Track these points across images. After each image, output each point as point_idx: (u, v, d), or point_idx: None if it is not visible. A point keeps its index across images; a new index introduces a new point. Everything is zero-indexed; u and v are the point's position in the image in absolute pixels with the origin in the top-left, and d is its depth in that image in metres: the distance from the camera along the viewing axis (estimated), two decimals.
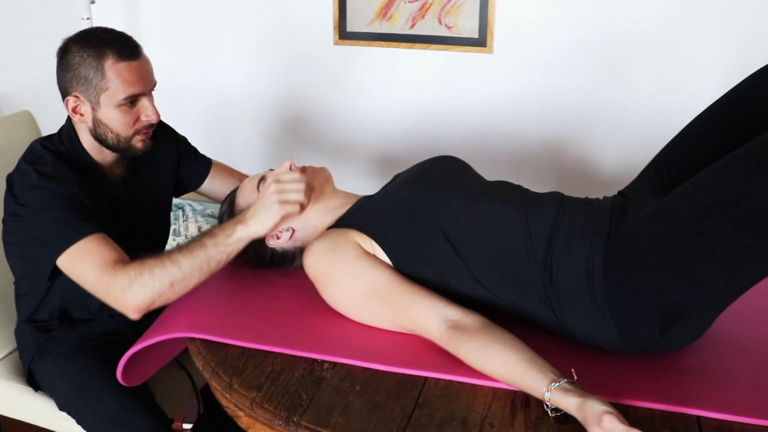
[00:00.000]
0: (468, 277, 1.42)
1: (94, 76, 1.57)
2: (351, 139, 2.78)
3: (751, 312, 1.52)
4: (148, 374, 1.61)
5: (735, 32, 2.31)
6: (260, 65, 2.80)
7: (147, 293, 1.47)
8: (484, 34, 2.51)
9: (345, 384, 1.30)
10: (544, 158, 2.61)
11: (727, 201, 1.21)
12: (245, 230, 1.51)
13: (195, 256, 1.49)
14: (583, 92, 2.50)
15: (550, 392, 1.18)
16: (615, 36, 2.42)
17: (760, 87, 1.43)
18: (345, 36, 2.64)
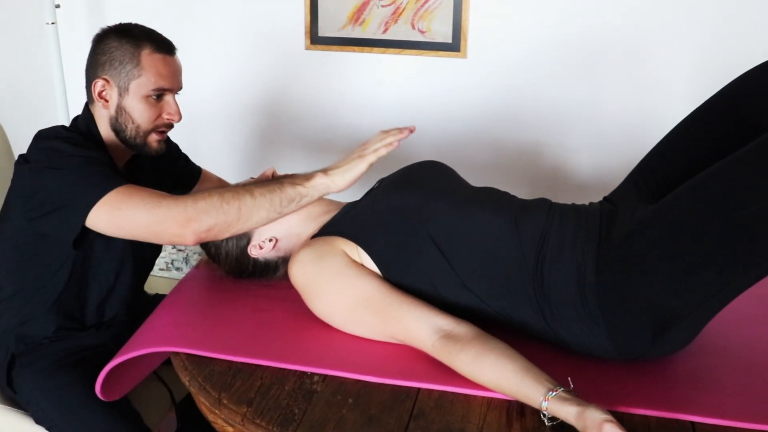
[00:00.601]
0: (458, 285, 1.41)
1: (129, 62, 1.58)
2: (325, 145, 2.75)
3: (735, 316, 1.53)
4: (127, 388, 1.57)
5: (705, 36, 2.34)
6: (231, 71, 2.76)
7: (213, 215, 1.42)
8: (457, 39, 2.50)
9: (337, 397, 1.28)
10: (518, 162, 2.61)
11: (721, 207, 1.21)
12: (326, 178, 1.49)
13: (270, 190, 1.47)
14: (557, 97, 2.51)
15: (547, 401, 1.17)
16: (587, 41, 2.43)
17: (746, 91, 1.43)
18: (316, 41, 2.61)
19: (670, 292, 1.26)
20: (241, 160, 2.86)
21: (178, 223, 1.43)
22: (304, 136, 2.77)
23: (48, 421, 1.64)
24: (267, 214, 1.48)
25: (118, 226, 1.47)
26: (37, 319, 1.68)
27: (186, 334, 1.45)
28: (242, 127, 2.83)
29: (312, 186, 1.49)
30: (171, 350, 1.42)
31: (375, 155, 1.50)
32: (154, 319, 1.54)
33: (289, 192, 1.48)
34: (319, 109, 2.72)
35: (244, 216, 1.46)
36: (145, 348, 1.43)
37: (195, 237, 1.44)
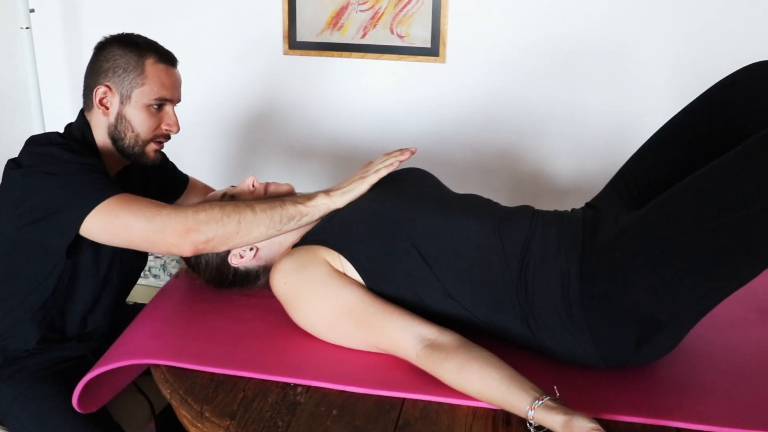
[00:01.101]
0: (442, 294, 1.40)
1: (133, 70, 1.59)
2: (304, 150, 2.74)
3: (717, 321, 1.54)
4: (104, 400, 1.54)
5: (685, 40, 2.36)
6: (210, 77, 2.74)
7: (213, 226, 1.42)
8: (436, 44, 2.50)
9: (321, 408, 1.26)
10: (497, 166, 2.61)
11: (704, 214, 1.21)
12: (327, 199, 1.50)
13: (271, 207, 1.47)
14: (535, 101, 2.52)
15: (533, 410, 1.17)
16: (567, 45, 2.44)
17: (727, 96, 1.44)
18: (295, 46, 2.60)
19: (654, 299, 1.26)
20: (222, 166, 2.83)
21: (178, 232, 1.42)
22: (284, 142, 2.75)
23: None
24: (266, 230, 1.47)
25: (114, 233, 1.45)
26: (20, 330, 1.65)
27: (166, 345, 1.43)
28: (222, 133, 2.80)
29: (313, 206, 1.50)
30: (151, 362, 1.40)
31: (376, 176, 1.53)
32: (133, 329, 1.52)
33: (290, 210, 1.48)
34: (298, 114, 2.70)
35: (244, 230, 1.45)
36: (124, 360, 1.40)
37: (193, 247, 1.43)
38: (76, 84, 2.72)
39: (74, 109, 2.65)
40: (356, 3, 2.50)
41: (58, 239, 1.47)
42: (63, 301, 1.66)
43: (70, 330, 1.71)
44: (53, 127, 1.67)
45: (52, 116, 2.69)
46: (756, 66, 1.44)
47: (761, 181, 1.18)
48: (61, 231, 1.46)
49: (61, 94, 2.81)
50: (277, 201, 1.50)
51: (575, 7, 2.39)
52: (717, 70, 1.52)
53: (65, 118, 1.68)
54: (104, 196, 1.44)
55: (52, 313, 1.66)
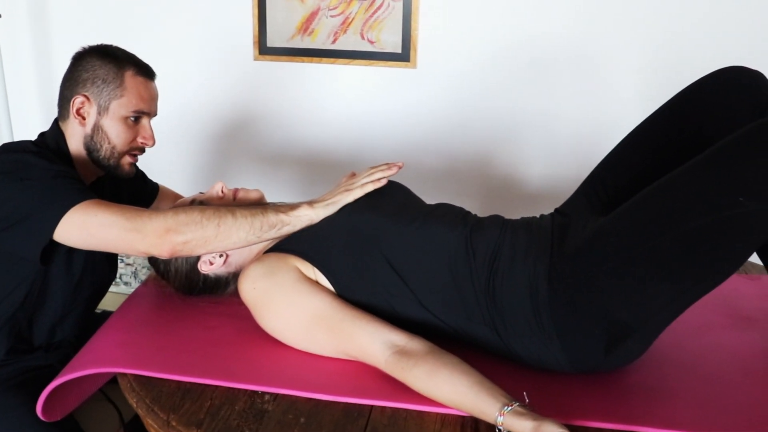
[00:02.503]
0: (414, 303, 1.40)
1: (112, 81, 1.60)
2: (277, 157, 2.73)
3: (686, 327, 1.55)
4: (70, 408, 1.52)
5: (654, 48, 2.38)
6: (180, 83, 2.72)
7: (192, 228, 1.41)
8: (407, 49, 2.51)
9: (288, 416, 1.25)
10: (469, 172, 2.62)
11: (669, 220, 1.22)
12: (310, 210, 1.49)
13: (252, 213, 1.46)
14: (507, 107, 2.53)
15: (503, 416, 1.17)
16: (538, 51, 2.46)
17: (695, 101, 1.45)
18: (265, 51, 2.59)
19: (622, 305, 1.26)
20: (195, 174, 2.82)
21: (157, 232, 1.41)
22: (256, 148, 2.74)
23: None
24: (246, 236, 1.46)
25: (90, 234, 1.43)
26: None
27: (133, 353, 1.42)
28: (193, 140, 2.79)
29: (295, 216, 1.49)
30: (117, 371, 1.38)
31: (361, 190, 1.52)
32: (100, 337, 1.50)
33: (271, 218, 1.47)
34: (270, 120, 2.69)
35: (223, 234, 1.44)
36: (89, 369, 1.39)
37: (171, 248, 1.42)
38: (44, 92, 2.70)
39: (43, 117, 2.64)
40: (326, 8, 2.50)
41: (32, 244, 1.45)
42: (32, 311, 1.64)
43: (37, 340, 1.68)
44: (22, 136, 1.66)
45: (20, 124, 2.66)
46: (720, 72, 1.46)
47: (723, 188, 1.20)
48: (34, 235, 1.44)
49: (30, 102, 2.78)
50: (259, 208, 1.49)
51: (546, 13, 2.41)
52: (687, 77, 1.54)
53: (34, 126, 1.67)
54: (80, 200, 1.43)
55: (21, 323, 1.64)
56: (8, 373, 1.64)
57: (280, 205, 1.52)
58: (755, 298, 1.71)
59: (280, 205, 1.52)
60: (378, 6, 2.47)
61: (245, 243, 1.48)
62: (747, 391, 1.34)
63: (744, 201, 1.16)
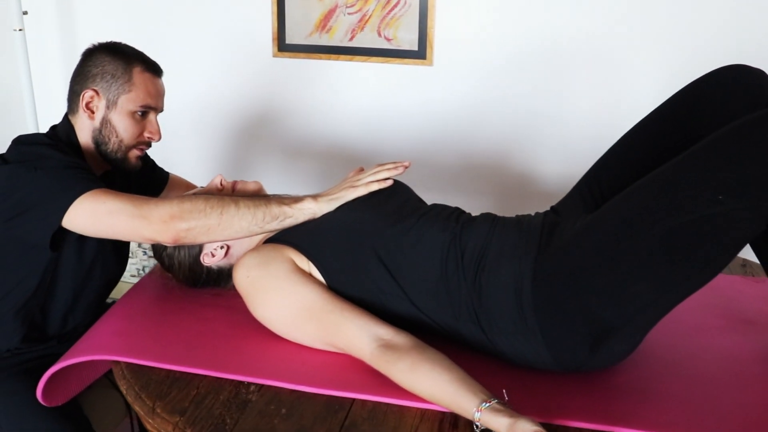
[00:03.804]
0: (404, 301, 1.41)
1: (121, 77, 1.64)
2: (295, 151, 2.76)
3: (682, 327, 1.54)
4: (71, 394, 1.57)
5: (670, 47, 2.35)
6: (200, 78, 2.77)
7: (196, 215, 1.44)
8: (423, 47, 2.51)
9: (270, 407, 1.27)
10: (484, 170, 2.62)
11: (652, 217, 1.21)
12: (313, 204, 1.51)
13: (256, 204, 1.48)
14: (522, 105, 2.52)
15: (480, 412, 1.17)
16: (553, 50, 2.44)
17: (693, 100, 1.44)
18: (284, 48, 2.62)
19: (604, 303, 1.26)
20: (212, 166, 2.86)
21: (162, 219, 1.44)
22: (274, 142, 2.77)
23: None
24: (248, 226, 1.48)
25: (98, 220, 1.47)
26: (3, 328, 1.67)
27: (127, 342, 1.45)
28: (213, 134, 2.83)
29: (299, 209, 1.51)
30: (111, 359, 1.42)
31: (366, 189, 1.53)
32: (99, 326, 1.54)
33: (274, 210, 1.49)
34: (288, 115, 2.72)
35: (225, 222, 1.47)
36: (85, 356, 1.43)
37: (175, 234, 1.45)
38: None
39: None
40: (344, 6, 2.52)
41: (42, 230, 1.50)
42: (44, 299, 1.69)
43: (51, 329, 1.73)
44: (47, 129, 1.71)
45: (45, 118, 2.73)
46: (720, 70, 1.44)
47: (703, 187, 1.18)
48: (45, 221, 1.49)
49: (55, 96, 2.84)
50: (263, 200, 1.51)
51: (563, 12, 2.39)
52: None
53: (59, 119, 1.71)
54: (89, 188, 1.48)
55: (34, 311, 1.69)
56: (21, 360, 1.69)
57: (284, 197, 1.54)
58: (757, 300, 1.68)
59: (285, 197, 1.54)
60: (395, 3, 2.48)
61: (248, 233, 1.50)
62: (735, 394, 1.33)
63: (723, 200, 1.15)
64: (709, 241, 1.20)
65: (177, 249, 1.60)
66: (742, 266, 1.91)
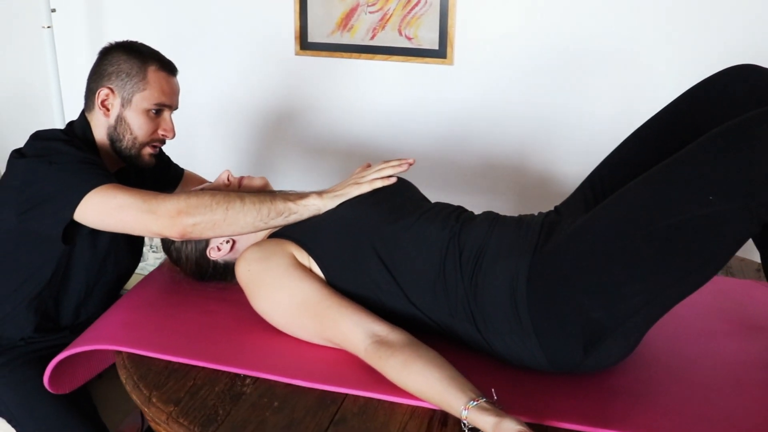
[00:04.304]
0: (402, 298, 1.42)
1: (136, 75, 1.68)
2: (313, 150, 2.78)
3: (687, 332, 1.52)
4: (79, 382, 1.61)
5: (693, 47, 2.32)
6: (224, 75, 2.80)
7: (202, 211, 1.47)
8: (444, 46, 2.51)
9: (263, 400, 1.29)
10: (504, 170, 2.61)
11: (644, 217, 1.20)
12: (318, 200, 1.53)
13: (261, 200, 1.51)
14: (543, 105, 2.50)
15: (467, 410, 1.17)
16: (575, 50, 2.42)
17: (700, 99, 1.42)
18: (306, 46, 2.64)
19: (596, 303, 1.25)
20: (234, 162, 2.89)
21: (170, 213, 1.47)
22: (293, 140, 2.79)
23: (7, 414, 1.69)
24: (253, 221, 1.51)
25: (108, 214, 1.51)
26: (16, 318, 1.72)
27: (130, 333, 1.48)
28: (234, 130, 2.86)
29: (303, 205, 1.53)
30: (113, 348, 1.45)
31: (370, 186, 1.54)
32: (106, 317, 1.57)
33: (279, 205, 1.51)
34: (309, 112, 2.74)
35: (231, 218, 1.49)
36: (89, 345, 1.46)
37: (181, 229, 1.48)
38: None
39: None
40: (365, 5, 2.53)
41: (55, 223, 1.54)
42: (57, 291, 1.73)
43: (64, 319, 1.77)
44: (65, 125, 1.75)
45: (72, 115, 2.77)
46: (729, 70, 1.42)
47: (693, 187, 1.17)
48: (57, 214, 1.53)
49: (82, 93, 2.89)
50: (269, 195, 1.53)
51: (584, 10, 2.37)
52: None
53: None
54: (101, 182, 1.51)
55: (47, 302, 1.73)
56: (34, 349, 1.73)
57: (289, 194, 1.56)
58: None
59: (290, 193, 1.56)
60: (416, 2, 2.48)
61: (253, 228, 1.52)
62: (735, 399, 1.31)
63: (714, 200, 1.13)
64: (701, 243, 1.18)
65: (184, 243, 1.63)
66: (757, 271, 1.88)
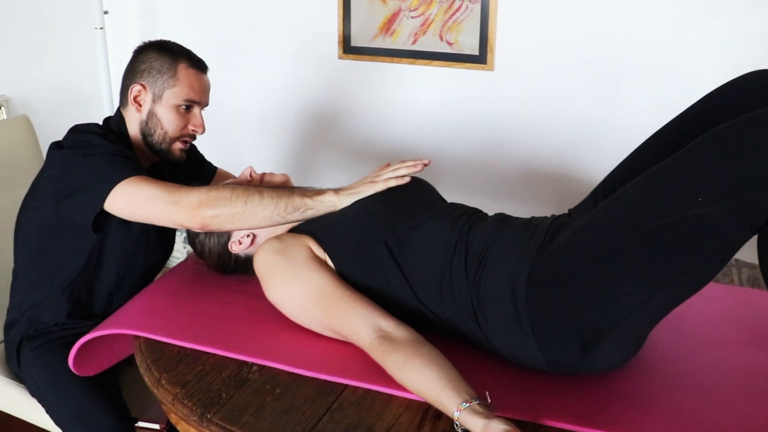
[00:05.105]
0: (409, 294, 1.44)
1: (167, 72, 1.76)
2: (353, 152, 2.82)
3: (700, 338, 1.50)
4: (103, 366, 1.68)
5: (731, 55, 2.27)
6: (269, 78, 2.88)
7: (222, 203, 1.54)
8: (484, 51, 2.52)
9: (266, 386, 1.33)
10: (544, 177, 2.60)
11: (636, 218, 1.20)
12: (334, 197, 1.58)
13: (279, 195, 1.56)
14: (582, 111, 2.49)
15: (459, 411, 1.18)
16: (615, 56, 2.40)
17: (716, 105, 1.42)
18: (349, 51, 2.69)
19: (591, 305, 1.25)
20: (278, 161, 2.96)
21: (192, 205, 1.54)
22: (335, 142, 2.85)
23: (38, 394, 1.77)
24: (270, 215, 1.56)
25: (136, 205, 1.58)
26: (51, 302, 1.81)
27: (149, 320, 1.54)
28: (278, 131, 2.94)
29: (320, 201, 1.57)
30: (132, 333, 1.51)
31: (384, 185, 1.59)
32: (130, 304, 1.64)
33: (296, 201, 1.56)
34: (349, 116, 2.79)
35: (249, 211, 1.55)
36: (111, 329, 1.52)
37: (201, 221, 1.55)
38: None
39: None
40: (407, 9, 2.57)
41: (86, 212, 1.62)
42: (91, 278, 1.81)
43: (96, 307, 1.86)
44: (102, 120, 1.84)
45: None
46: (747, 75, 1.42)
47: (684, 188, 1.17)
48: (88, 205, 1.61)
49: None
50: (287, 191, 1.58)
51: (625, 17, 2.36)
52: None
53: None
54: (131, 174, 1.59)
55: (80, 289, 1.82)
56: (67, 334, 1.82)
57: (307, 190, 1.61)
58: None
59: (308, 190, 1.61)
60: (457, 8, 2.50)
61: (270, 222, 1.57)
62: (740, 407, 1.28)
63: (703, 201, 1.13)
64: (691, 244, 1.18)
65: (207, 237, 1.68)
66: None
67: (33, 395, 1.80)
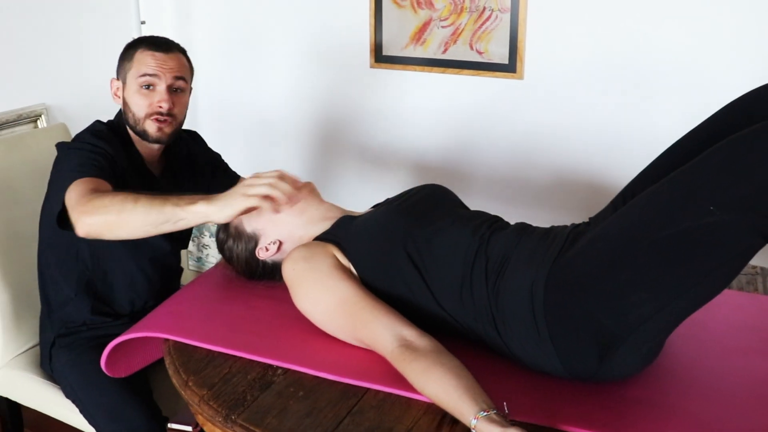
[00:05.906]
0: (430, 300, 1.47)
1: (127, 59, 1.87)
2: (383, 160, 2.85)
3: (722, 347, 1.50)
4: (134, 367, 1.73)
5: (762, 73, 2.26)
6: (302, 85, 2.92)
7: (100, 212, 1.51)
8: (513, 61, 2.54)
9: (290, 389, 1.36)
10: (575, 186, 2.60)
11: (651, 226, 1.21)
12: (205, 207, 1.48)
13: (152, 204, 1.49)
14: (612, 121, 2.48)
15: (476, 420, 1.19)
16: (646, 66, 2.40)
17: (730, 116, 1.42)
18: (381, 59, 2.72)
19: (606, 312, 1.27)
20: (307, 167, 3.00)
21: (78, 212, 1.55)
22: (364, 149, 2.88)
23: (72, 394, 1.83)
24: (143, 225, 1.50)
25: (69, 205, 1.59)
26: (75, 300, 1.89)
27: (178, 323, 1.59)
28: (310, 138, 2.98)
29: (191, 211, 1.49)
30: (161, 336, 1.56)
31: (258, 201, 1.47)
32: (160, 308, 1.69)
33: (167, 211, 1.49)
34: (380, 124, 2.82)
35: (123, 220, 1.51)
36: (139, 332, 1.57)
37: (84, 228, 1.53)
38: None
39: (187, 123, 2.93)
40: (438, 19, 2.59)
41: (57, 206, 1.66)
42: (104, 273, 1.90)
43: (118, 304, 1.93)
44: None
45: None
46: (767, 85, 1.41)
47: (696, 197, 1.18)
48: (57, 198, 1.66)
49: None
50: (161, 200, 1.51)
51: (658, 26, 2.35)
52: None
53: None
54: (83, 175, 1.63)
55: (97, 285, 1.91)
56: (96, 335, 1.88)
57: (182, 198, 1.51)
58: None
59: (183, 198, 1.51)
60: (487, 17, 2.52)
61: (144, 233, 1.52)
62: (758, 418, 1.29)
63: (714, 210, 1.14)
64: (703, 252, 1.19)
65: (235, 243, 1.72)
66: None
67: (67, 396, 1.86)
